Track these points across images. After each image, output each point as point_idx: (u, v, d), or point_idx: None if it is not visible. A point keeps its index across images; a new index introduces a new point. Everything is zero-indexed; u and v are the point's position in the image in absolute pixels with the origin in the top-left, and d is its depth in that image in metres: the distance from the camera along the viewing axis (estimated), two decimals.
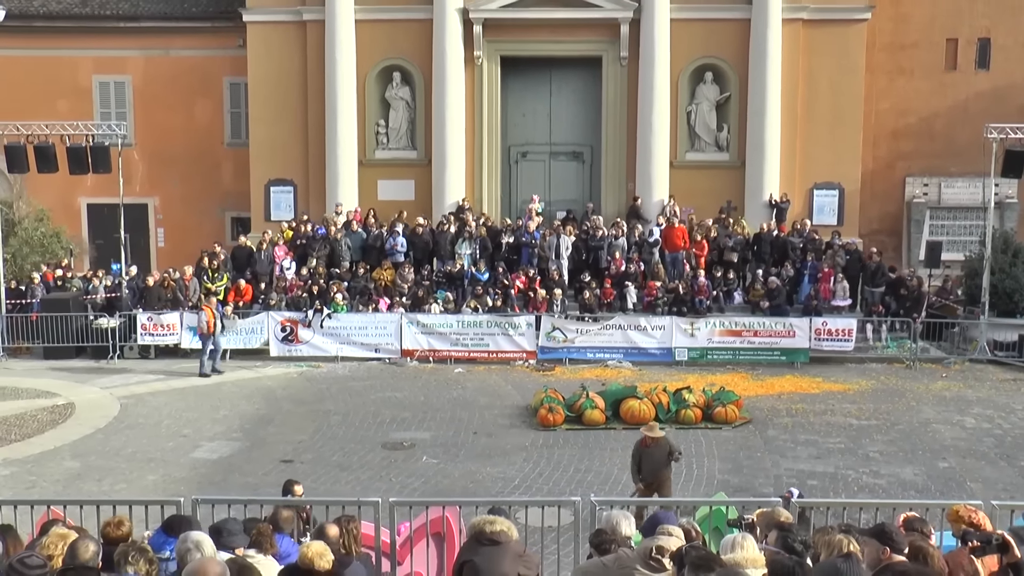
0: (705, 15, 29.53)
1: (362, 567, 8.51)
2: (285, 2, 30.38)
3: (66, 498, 12.56)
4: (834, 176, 29.90)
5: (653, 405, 19.80)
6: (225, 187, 33.39)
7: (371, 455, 18.39)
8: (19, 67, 32.62)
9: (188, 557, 6.60)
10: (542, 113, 31.20)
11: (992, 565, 7.31)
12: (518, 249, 27.91)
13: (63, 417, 21.00)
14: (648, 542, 7.31)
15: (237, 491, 15.00)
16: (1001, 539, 7.25)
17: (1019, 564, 7.15)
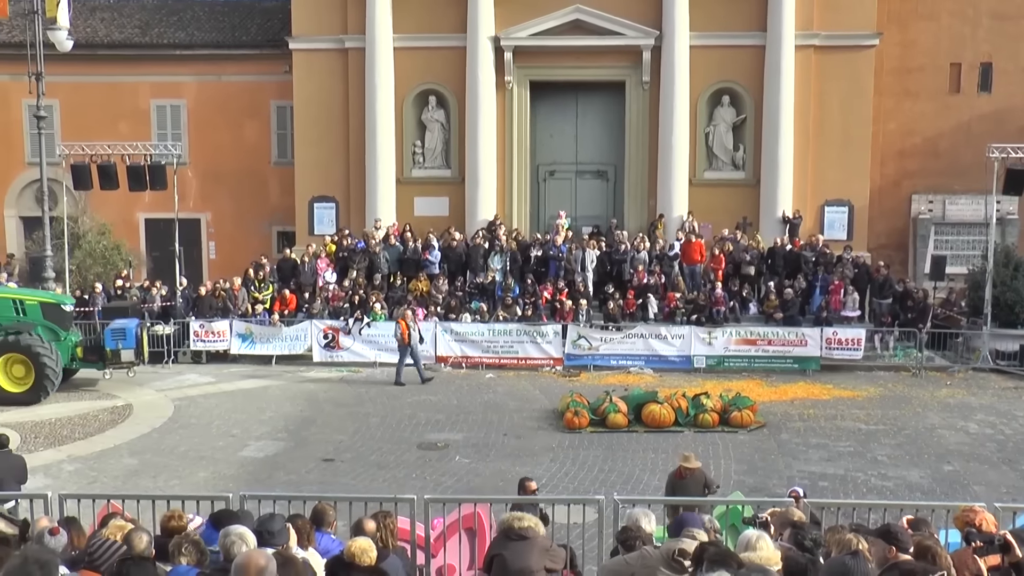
0: (722, 42, 29.46)
1: (398, 560, 8.51)
2: (328, 31, 30.53)
3: (124, 493, 12.59)
4: (844, 193, 29.76)
5: (673, 410, 19.77)
6: (272, 203, 33.55)
7: (407, 455, 18.39)
8: (85, 92, 32.90)
9: (233, 550, 6.62)
10: (569, 134, 31.21)
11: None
12: (546, 262, 27.92)
13: (122, 418, 21.11)
14: (672, 543, 7.28)
15: (281, 488, 15.06)
16: (1003, 539, 7.19)
17: (1021, 564, 7.10)
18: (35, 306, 22.62)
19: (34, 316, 22.44)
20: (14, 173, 34.08)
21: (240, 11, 35.59)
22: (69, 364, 22.82)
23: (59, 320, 22.72)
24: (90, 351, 23.00)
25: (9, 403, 21.36)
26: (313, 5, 30.49)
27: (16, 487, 13.15)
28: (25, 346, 21.60)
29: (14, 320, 22.24)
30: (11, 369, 21.70)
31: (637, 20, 29.43)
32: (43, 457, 17.96)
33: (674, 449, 18.38)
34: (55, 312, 22.75)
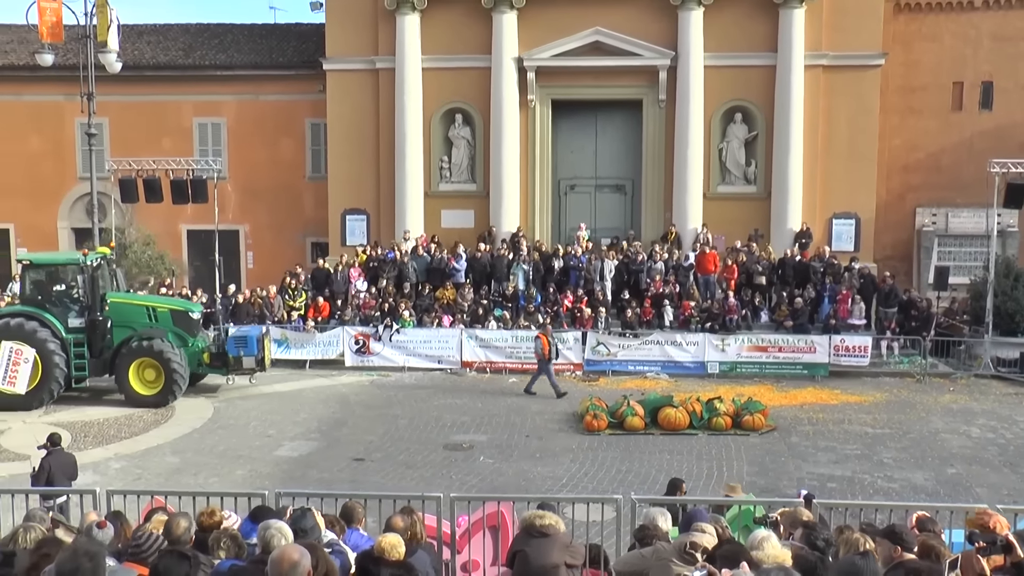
0: (735, 62, 29.40)
1: (425, 555, 8.51)
2: (360, 52, 30.65)
3: (167, 489, 12.71)
4: (851, 206, 29.62)
5: (688, 413, 19.77)
6: (306, 216, 33.66)
7: (434, 455, 18.43)
8: (131, 110, 33.11)
9: (272, 543, 6.64)
10: (589, 150, 31.21)
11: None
12: (567, 272, 27.91)
13: (165, 418, 21.27)
14: (683, 537, 7.29)
15: (314, 486, 15.12)
16: (1005, 540, 7.13)
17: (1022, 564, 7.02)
18: (166, 313, 22.81)
19: (165, 323, 22.62)
20: (67, 187, 34.37)
21: (277, 34, 35.81)
22: (196, 369, 22.92)
23: (187, 327, 22.89)
24: (215, 357, 23.00)
25: (140, 404, 21.66)
26: (346, 28, 30.63)
27: (67, 483, 13.28)
28: (156, 351, 21.78)
29: (147, 326, 22.42)
30: (143, 372, 21.92)
31: (654, 41, 29.43)
32: (92, 455, 18.15)
33: (688, 451, 18.39)
34: (184, 319, 22.92)
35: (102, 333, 22.40)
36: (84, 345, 22.30)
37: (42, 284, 22.91)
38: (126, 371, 21.90)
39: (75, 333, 22.24)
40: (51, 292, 22.78)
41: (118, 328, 22.41)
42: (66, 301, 22.65)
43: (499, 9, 29.52)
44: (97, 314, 22.43)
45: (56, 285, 22.89)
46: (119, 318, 22.53)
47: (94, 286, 22.60)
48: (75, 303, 22.63)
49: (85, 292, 22.58)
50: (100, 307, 22.54)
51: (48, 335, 21.81)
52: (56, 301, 22.61)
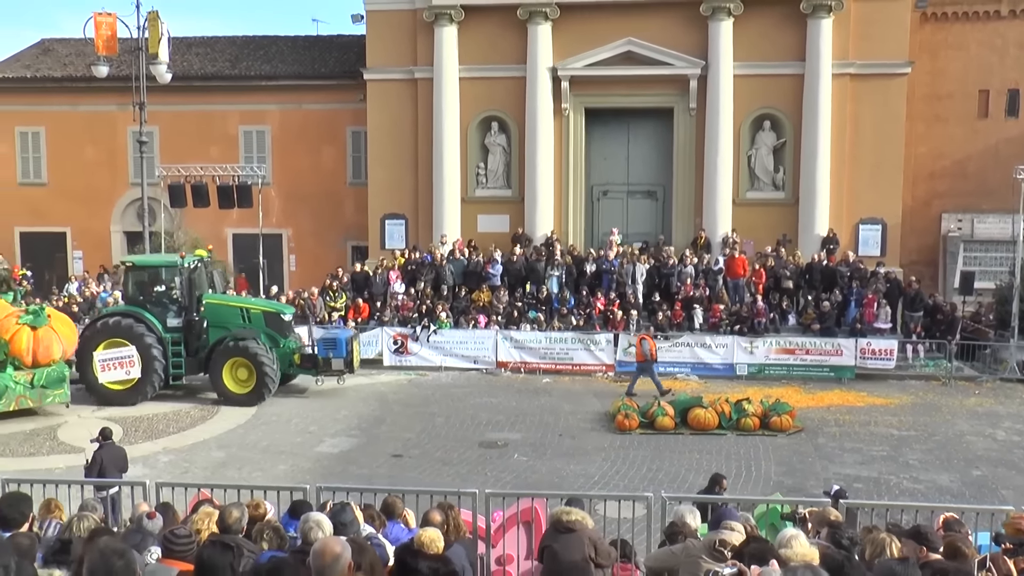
0: (764, 71, 29.22)
1: (462, 548, 8.53)
2: (399, 63, 30.77)
3: (213, 482, 12.77)
4: (877, 212, 29.33)
5: (717, 414, 19.67)
6: (347, 220, 33.82)
7: (469, 452, 18.45)
8: (180, 119, 33.48)
9: (311, 535, 6.68)
10: (621, 157, 31.13)
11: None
12: (599, 275, 27.86)
13: (211, 414, 21.46)
14: (712, 535, 7.26)
15: (354, 481, 15.15)
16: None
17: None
18: (259, 315, 22.97)
19: (257, 324, 22.78)
20: (119, 193, 34.79)
21: (319, 46, 36.05)
22: (286, 369, 23.02)
23: (279, 328, 23.01)
24: (305, 359, 23.08)
25: (233, 403, 21.84)
26: (386, 40, 30.75)
27: (118, 475, 13.42)
28: (249, 351, 21.96)
29: (240, 327, 22.61)
30: (236, 372, 22.12)
31: (685, 51, 29.32)
32: (142, 449, 18.34)
33: (718, 450, 18.29)
34: (276, 321, 23.04)
35: (198, 333, 22.67)
36: (181, 344, 22.56)
37: (143, 285, 23.18)
38: (220, 370, 22.10)
39: (173, 332, 22.54)
40: (151, 293, 23.02)
41: (213, 328, 22.65)
42: (165, 302, 22.89)
43: (534, 20, 29.55)
44: (193, 314, 22.70)
45: (156, 286, 23.11)
46: (214, 318, 22.76)
47: (191, 287, 22.86)
48: (173, 304, 22.88)
49: (182, 293, 22.83)
50: (196, 308, 22.79)
51: (147, 334, 22.06)
52: (156, 301, 22.85)
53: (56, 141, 34.81)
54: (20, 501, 7.65)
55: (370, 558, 6.36)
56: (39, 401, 20.80)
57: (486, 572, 10.00)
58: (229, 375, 22.11)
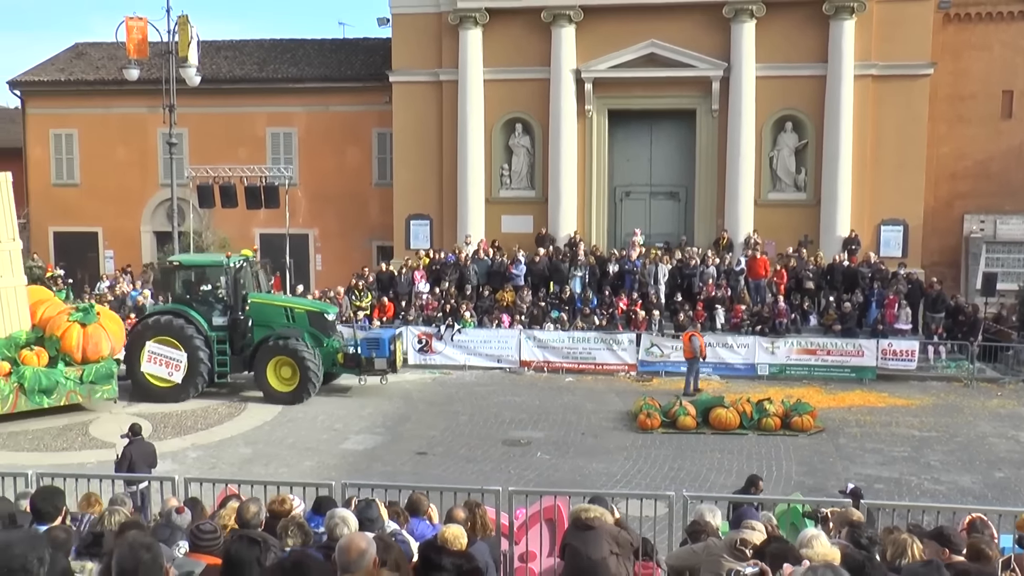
0: (786, 72, 29.08)
1: (485, 545, 8.54)
2: (424, 65, 30.82)
3: (240, 478, 12.86)
4: (899, 213, 29.11)
5: (738, 414, 19.60)
6: (372, 220, 33.89)
7: (493, 450, 18.46)
8: (209, 121, 33.66)
9: (336, 531, 6.70)
10: (643, 158, 31.06)
11: None
12: (622, 275, 27.82)
13: (238, 411, 21.57)
14: (733, 534, 7.24)
15: (379, 477, 15.16)
16: None
17: None
18: (303, 314, 23.01)
19: (301, 323, 22.82)
20: (149, 193, 35.04)
21: (346, 49, 36.15)
22: (330, 368, 23.05)
23: (323, 328, 22.99)
24: (349, 358, 22.98)
25: (277, 401, 21.87)
26: (411, 43, 30.81)
27: (147, 470, 13.53)
28: (292, 350, 21.99)
29: (284, 326, 22.64)
30: (280, 370, 22.15)
31: (707, 53, 29.22)
32: (170, 444, 18.45)
33: (739, 450, 18.22)
34: (319, 320, 23.04)
35: (243, 331, 22.73)
36: (226, 342, 22.65)
37: (190, 284, 23.29)
38: (264, 368, 22.17)
39: (218, 331, 22.61)
40: (198, 292, 23.09)
41: (258, 327, 22.72)
42: (211, 301, 22.94)
43: (558, 23, 29.53)
44: (239, 313, 22.75)
45: (202, 285, 23.15)
46: (259, 317, 22.83)
47: (236, 287, 22.90)
48: (219, 302, 22.93)
49: (228, 292, 22.88)
50: (242, 307, 22.84)
51: (194, 332, 22.19)
52: (202, 300, 22.93)
53: (88, 143, 35.11)
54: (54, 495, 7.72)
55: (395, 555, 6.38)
56: (88, 396, 21.02)
57: (509, 569, 10.01)
58: (273, 373, 22.14)
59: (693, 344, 23.24)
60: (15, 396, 19.88)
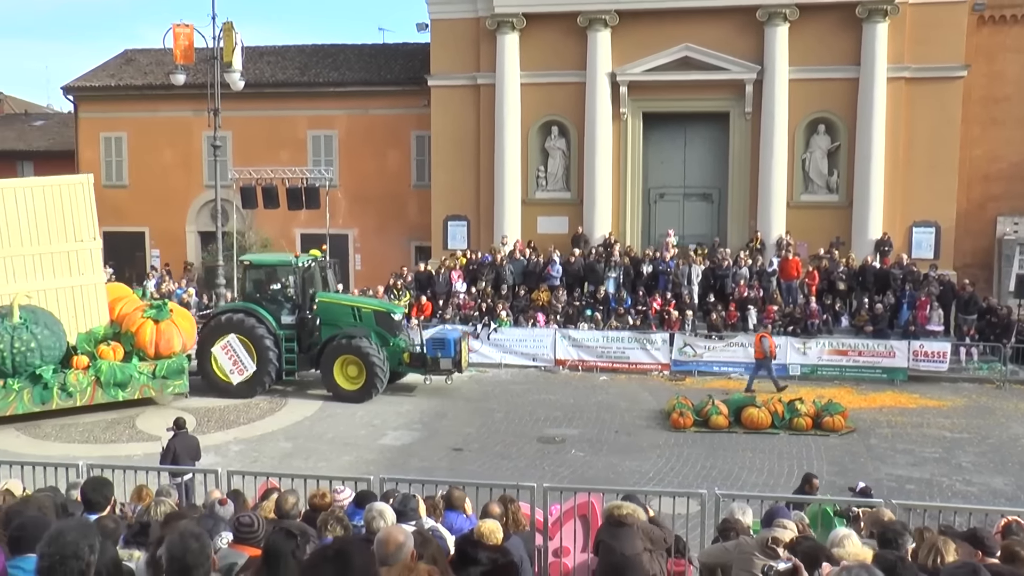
0: (819, 75, 28.85)
1: (520, 540, 8.56)
2: (462, 69, 30.89)
3: (281, 471, 12.97)
4: (931, 215, 28.78)
5: (770, 413, 19.47)
6: (411, 221, 33.99)
7: (528, 447, 18.46)
8: (252, 125, 33.93)
9: (374, 524, 6.73)
10: (677, 160, 30.93)
11: None
12: (656, 276, 27.74)
13: (279, 407, 21.71)
14: (765, 532, 7.20)
15: (416, 472, 15.26)
16: None
17: None
18: (370, 314, 22.90)
19: (368, 323, 22.71)
20: (194, 194, 35.38)
21: (385, 54, 36.31)
22: (396, 368, 22.89)
23: (389, 327, 22.82)
24: (415, 358, 22.88)
25: (343, 399, 21.86)
26: (449, 47, 30.90)
27: (192, 463, 13.67)
28: (359, 349, 21.92)
29: (352, 325, 22.56)
30: (346, 369, 22.10)
31: (740, 56, 29.05)
32: (214, 438, 18.61)
33: (770, 449, 18.10)
34: (386, 320, 22.90)
35: (310, 330, 22.75)
36: (294, 341, 22.69)
37: (260, 283, 23.40)
38: (331, 367, 22.10)
39: (287, 329, 22.64)
40: (267, 291, 23.22)
41: (326, 326, 22.66)
42: (280, 299, 23.05)
43: (594, 28, 29.49)
44: (307, 312, 22.80)
45: (272, 284, 23.29)
46: (327, 317, 22.79)
47: (305, 286, 22.97)
48: (288, 301, 23.02)
49: (296, 291, 22.99)
50: (309, 306, 22.90)
51: (263, 330, 22.28)
52: (271, 299, 23.05)
53: (137, 146, 35.54)
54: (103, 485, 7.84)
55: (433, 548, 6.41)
56: (160, 391, 21.32)
57: (543, 563, 10.01)
58: (340, 372, 22.09)
59: (763, 344, 23.15)
60: (92, 389, 20.33)
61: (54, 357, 20.08)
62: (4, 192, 20.76)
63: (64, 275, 21.15)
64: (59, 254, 21.09)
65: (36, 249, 20.83)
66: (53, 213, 21.00)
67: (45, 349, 19.79)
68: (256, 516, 6.82)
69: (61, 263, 21.14)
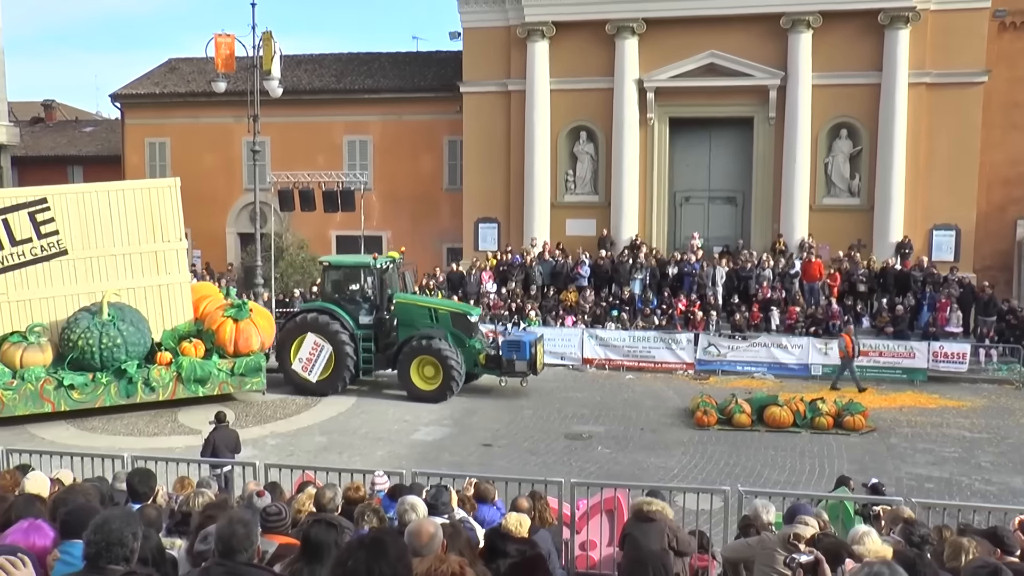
0: (841, 80, 28.63)
1: (547, 533, 8.57)
2: (494, 76, 30.93)
3: (316, 465, 13.04)
4: (951, 218, 28.46)
5: (792, 412, 19.34)
6: (443, 223, 34.05)
7: (555, 443, 18.44)
8: (289, 130, 34.13)
9: (406, 517, 6.77)
10: (702, 164, 30.80)
11: None
12: (681, 277, 27.67)
13: (314, 402, 21.77)
14: (787, 529, 7.17)
15: (447, 467, 15.27)
16: None
17: None
18: (446, 315, 22.57)
19: (444, 324, 22.39)
20: (234, 197, 35.65)
21: (419, 61, 36.39)
22: (472, 369, 22.51)
23: (465, 328, 22.47)
24: (490, 359, 22.43)
25: (420, 399, 21.65)
26: (481, 55, 30.97)
27: (231, 456, 13.79)
28: (436, 350, 21.69)
29: (428, 326, 22.31)
30: (423, 369, 21.89)
31: (765, 63, 28.88)
32: (252, 432, 18.73)
33: (792, 448, 17.98)
34: (462, 321, 22.53)
35: (388, 330, 22.69)
36: (372, 340, 22.57)
37: (338, 284, 23.35)
38: (408, 367, 21.88)
39: (364, 329, 22.53)
40: (346, 291, 23.19)
41: (403, 327, 22.51)
42: (358, 300, 22.97)
43: (621, 35, 29.44)
44: (384, 313, 22.77)
45: (351, 285, 23.24)
46: (404, 317, 22.64)
47: (382, 287, 22.94)
48: (366, 302, 22.96)
49: (374, 292, 22.97)
50: (387, 306, 22.87)
51: (341, 330, 22.23)
52: (350, 299, 22.99)
53: (179, 150, 35.84)
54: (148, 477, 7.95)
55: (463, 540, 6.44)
56: (238, 387, 21.53)
57: (570, 556, 10.02)
58: (416, 372, 21.85)
59: (840, 343, 23.11)
60: (174, 384, 20.63)
61: (139, 353, 20.45)
62: (97, 195, 21.23)
63: (151, 274, 21.48)
64: (147, 254, 21.41)
65: (126, 249, 21.19)
66: (142, 215, 21.35)
67: (130, 345, 20.18)
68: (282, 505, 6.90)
69: (149, 263, 21.45)
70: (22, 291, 20.48)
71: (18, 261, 20.43)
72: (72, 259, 20.80)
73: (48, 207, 20.64)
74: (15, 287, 20.43)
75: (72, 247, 20.78)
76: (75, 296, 20.71)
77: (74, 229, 20.77)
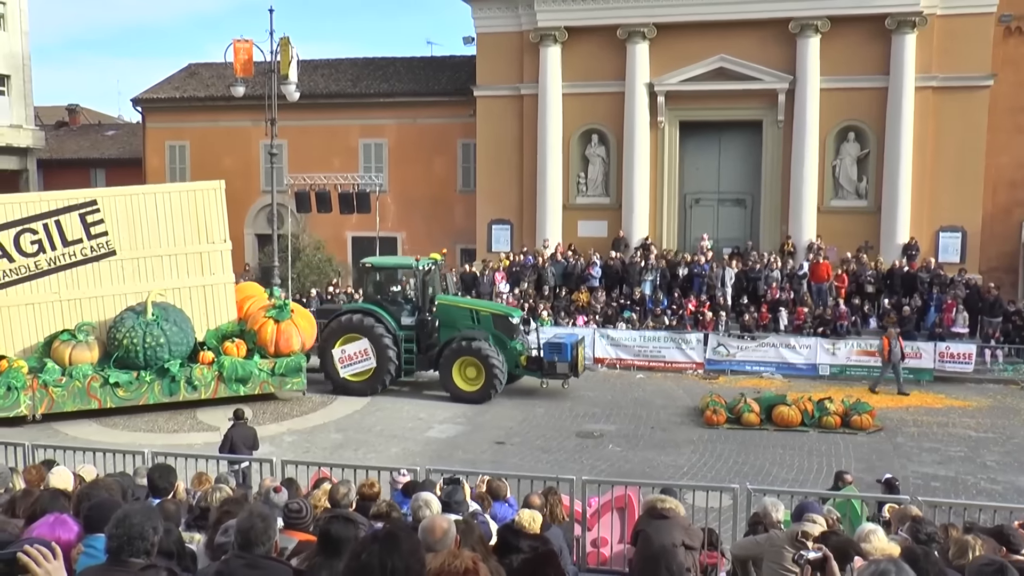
0: (849, 84, 28.51)
1: (559, 530, 8.57)
2: (507, 80, 30.94)
3: (332, 462, 13.07)
4: (958, 220, 28.32)
5: (800, 411, 19.29)
6: (456, 225, 34.04)
7: (567, 441, 18.44)
8: (306, 133, 34.17)
9: (420, 513, 6.78)
10: (712, 167, 30.74)
11: None
12: (691, 278, 27.63)
13: (330, 400, 21.84)
14: (795, 526, 7.16)
15: (460, 464, 15.27)
16: None
17: None
18: (488, 317, 22.36)
19: (486, 326, 22.16)
20: (251, 199, 35.67)
21: (433, 66, 36.40)
22: (513, 370, 22.29)
23: (507, 330, 22.26)
24: (532, 361, 22.19)
25: (462, 400, 21.50)
26: (494, 59, 30.98)
27: (249, 452, 13.84)
28: (478, 351, 21.51)
29: (470, 328, 22.10)
30: (465, 371, 21.76)
31: (773, 67, 28.81)
32: (269, 429, 18.77)
33: (800, 446, 17.94)
34: (504, 323, 22.33)
35: (430, 331, 22.58)
36: (413, 341, 22.41)
37: (380, 285, 23.30)
38: (450, 368, 21.72)
39: (406, 330, 22.37)
40: (388, 292, 23.14)
41: (444, 328, 22.31)
42: (400, 301, 22.91)
43: (633, 40, 29.41)
44: (426, 314, 22.66)
45: (392, 286, 23.23)
46: (445, 318, 22.44)
47: (424, 288, 22.83)
48: (408, 303, 22.89)
49: (416, 293, 22.91)
50: (429, 308, 22.75)
51: (383, 331, 22.05)
52: (392, 300, 22.93)
53: (199, 153, 35.94)
54: (168, 472, 7.98)
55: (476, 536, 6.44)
56: (279, 387, 21.56)
57: (582, 553, 10.02)
58: (458, 373, 21.70)
59: (892, 346, 22.99)
60: (216, 383, 20.72)
61: (182, 352, 20.56)
62: (145, 197, 21.43)
63: (196, 275, 21.59)
64: (192, 255, 21.55)
65: (171, 250, 21.34)
66: (188, 217, 21.50)
67: (173, 344, 20.30)
68: (304, 503, 6.91)
69: (194, 263, 21.58)
70: (73, 290, 20.68)
71: (69, 261, 20.61)
72: (120, 259, 20.96)
73: (98, 209, 20.81)
74: (66, 287, 20.63)
75: (120, 248, 20.93)
76: (123, 296, 20.88)
77: (122, 230, 20.92)
